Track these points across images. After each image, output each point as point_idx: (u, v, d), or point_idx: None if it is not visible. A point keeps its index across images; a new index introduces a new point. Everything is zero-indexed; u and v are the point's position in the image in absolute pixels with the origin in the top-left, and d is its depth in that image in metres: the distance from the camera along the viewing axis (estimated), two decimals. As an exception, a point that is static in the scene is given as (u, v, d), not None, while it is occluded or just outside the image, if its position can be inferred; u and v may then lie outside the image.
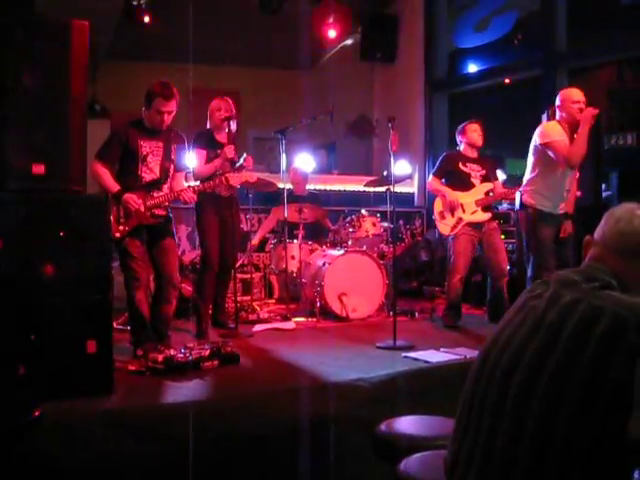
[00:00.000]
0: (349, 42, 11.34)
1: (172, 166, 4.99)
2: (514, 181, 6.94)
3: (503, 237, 6.69)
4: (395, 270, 6.38)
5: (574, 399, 1.41)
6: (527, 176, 5.57)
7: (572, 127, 5.33)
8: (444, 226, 6.36)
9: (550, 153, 5.31)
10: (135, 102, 5.20)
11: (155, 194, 4.85)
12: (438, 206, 6.45)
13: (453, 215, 6.31)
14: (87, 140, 3.84)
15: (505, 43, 9.32)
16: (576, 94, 5.37)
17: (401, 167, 8.86)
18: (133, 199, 4.72)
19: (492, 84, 9.76)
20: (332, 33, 10.23)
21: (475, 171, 6.40)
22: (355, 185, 9.13)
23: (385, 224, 7.25)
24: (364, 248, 6.89)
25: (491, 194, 6.37)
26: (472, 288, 7.14)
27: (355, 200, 8.65)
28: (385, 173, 6.83)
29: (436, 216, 6.45)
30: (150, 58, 10.78)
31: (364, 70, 11.16)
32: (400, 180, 7.13)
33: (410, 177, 9.70)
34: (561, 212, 5.50)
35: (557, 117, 5.46)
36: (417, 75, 10.19)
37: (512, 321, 1.69)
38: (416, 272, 8.29)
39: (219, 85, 10.49)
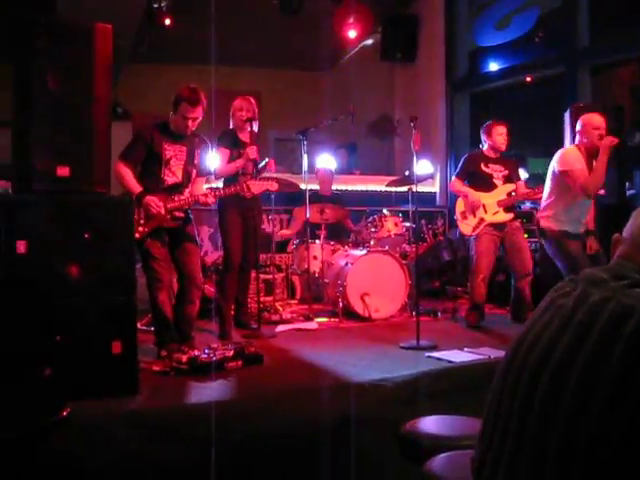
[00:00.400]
0: (369, 42, 11.32)
1: (194, 170, 5.02)
2: (536, 180, 6.91)
3: (526, 236, 6.65)
4: (417, 270, 6.37)
5: (603, 397, 1.39)
6: (544, 201, 5.56)
7: (591, 153, 5.30)
8: (466, 226, 6.34)
9: (568, 181, 5.29)
10: (156, 104, 5.25)
11: (176, 198, 4.88)
12: (460, 206, 6.43)
13: (475, 215, 6.30)
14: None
15: (526, 41, 9.26)
16: (597, 120, 5.33)
17: (423, 167, 8.84)
18: (154, 202, 4.75)
19: (513, 82, 9.71)
20: (352, 33, 10.23)
21: (497, 172, 6.38)
22: (377, 185, 9.12)
23: (407, 224, 7.24)
24: (386, 248, 6.88)
25: (513, 194, 6.34)
26: (495, 288, 7.11)
27: (377, 200, 8.63)
28: (407, 173, 6.81)
29: (458, 216, 6.43)
30: (171, 60, 10.84)
31: (384, 70, 11.15)
32: (422, 180, 7.11)
33: (432, 177, 9.68)
34: (582, 231, 5.49)
35: (577, 141, 5.43)
36: (438, 74, 10.17)
37: (539, 320, 1.67)
38: (438, 272, 8.25)
39: (240, 86, 10.50)
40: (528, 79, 9.53)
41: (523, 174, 6.48)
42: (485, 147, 6.45)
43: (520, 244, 6.29)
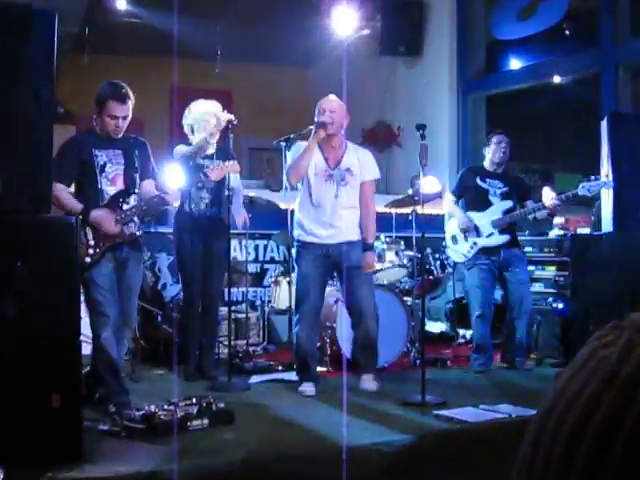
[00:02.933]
0: (366, 32, 11.40)
1: (137, 175, 5.08)
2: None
3: (553, 268, 6.72)
4: (422, 309, 6.38)
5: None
6: None
7: None
8: (455, 252, 6.60)
9: None
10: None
11: (125, 207, 4.96)
12: (450, 229, 6.65)
13: (466, 239, 6.46)
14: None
15: (555, 34, 9.37)
16: None
17: (429, 184, 8.86)
18: (101, 216, 4.79)
19: (539, 84, 9.82)
20: (346, 22, 10.29)
21: (495, 187, 6.57)
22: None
23: (410, 253, 7.26)
24: (385, 282, 6.89)
25: (518, 212, 6.45)
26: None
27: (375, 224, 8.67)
28: (410, 191, 6.85)
29: (448, 241, 6.68)
30: (125, 51, 10.88)
31: (384, 66, 11.22)
32: (428, 200, 7.14)
33: (440, 196, 9.70)
34: None
35: None
36: (448, 72, 10.27)
37: (578, 375, 1.68)
38: (448, 311, 8.27)
39: (207, 84, 10.56)
40: (556, 80, 9.62)
41: (548, 192, 6.53)
42: (486, 160, 6.71)
43: (517, 275, 6.46)
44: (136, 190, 5.11)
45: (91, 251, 4.79)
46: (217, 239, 5.84)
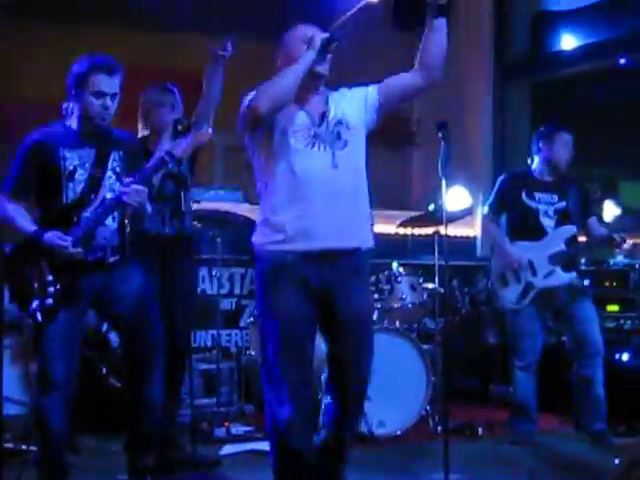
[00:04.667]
0: (376, 1, 11.42)
1: (113, 179, 4.99)
2: (635, 216, 6.91)
3: (616, 308, 6.72)
4: (446, 359, 6.38)
5: None
6: None
7: None
8: (507, 298, 6.50)
9: None
10: (38, 86, 5.23)
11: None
12: (498, 265, 6.59)
13: (520, 279, 6.42)
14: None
15: (621, 4, 9.39)
16: None
17: (456, 197, 8.86)
18: (55, 237, 4.71)
19: (598, 67, 9.84)
20: (349, -15, 10.34)
21: (547, 204, 6.50)
22: (384, 225, 9.12)
23: (431, 286, 7.26)
24: (397, 325, 6.90)
25: (586, 245, 6.41)
26: (553, 385, 7.09)
27: (384, 249, 8.62)
28: (431, 207, 6.86)
29: (495, 280, 6.60)
30: (61, 19, 10.88)
31: (398, 45, 11.22)
32: (455, 218, 7.15)
33: (470, 212, 9.71)
34: None
35: None
36: (482, 53, 10.31)
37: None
38: (479, 362, 8.27)
39: (171, 62, 10.57)
40: (622, 61, 9.64)
41: (611, 207, 6.54)
42: (535, 164, 6.61)
43: (584, 313, 6.43)
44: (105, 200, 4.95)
45: (51, 289, 4.72)
46: (182, 266, 5.81)
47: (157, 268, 5.75)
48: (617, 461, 2.78)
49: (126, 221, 5.06)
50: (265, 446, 6.06)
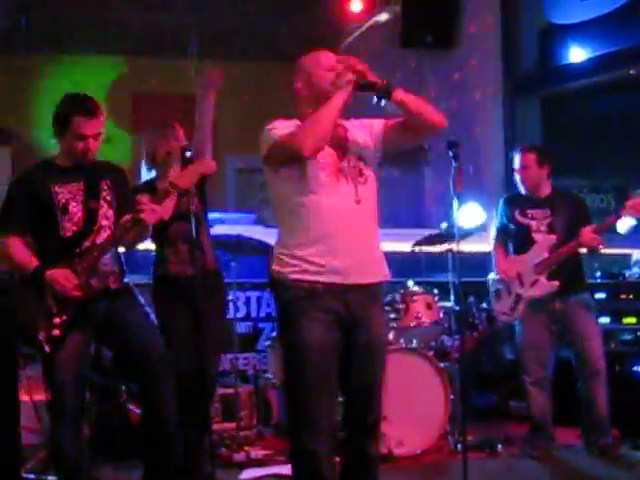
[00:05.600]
0: (383, 18, 11.43)
1: (106, 207, 5.06)
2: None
3: (633, 320, 6.73)
4: (464, 377, 6.39)
5: None
6: None
7: None
8: (500, 311, 6.67)
9: None
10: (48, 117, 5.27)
11: (85, 249, 4.93)
12: (493, 284, 6.78)
13: (510, 292, 6.54)
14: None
15: (628, 15, 9.38)
16: None
17: (470, 214, 8.85)
18: (58, 274, 4.77)
19: (609, 79, 9.81)
20: (356, 6, 10.36)
21: (538, 219, 6.58)
22: (398, 244, 9.12)
23: (447, 304, 7.27)
24: (414, 344, 6.91)
25: (562, 250, 6.42)
26: (570, 398, 7.06)
27: (399, 267, 8.61)
28: (445, 225, 6.87)
29: (492, 298, 6.78)
30: (71, 48, 10.94)
31: (406, 61, 11.25)
32: (468, 234, 7.16)
33: (484, 229, 9.70)
34: None
35: None
36: (491, 67, 10.30)
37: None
38: (498, 379, 8.26)
39: (174, 87, 10.61)
40: (631, 72, 9.63)
41: (628, 222, 6.53)
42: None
43: (581, 327, 6.46)
44: (99, 229, 5.01)
45: (57, 320, 4.77)
46: (211, 302, 5.79)
47: (182, 309, 5.75)
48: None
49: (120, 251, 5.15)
50: (285, 470, 6.10)
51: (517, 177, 6.65)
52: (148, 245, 5.84)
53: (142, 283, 5.81)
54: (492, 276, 6.79)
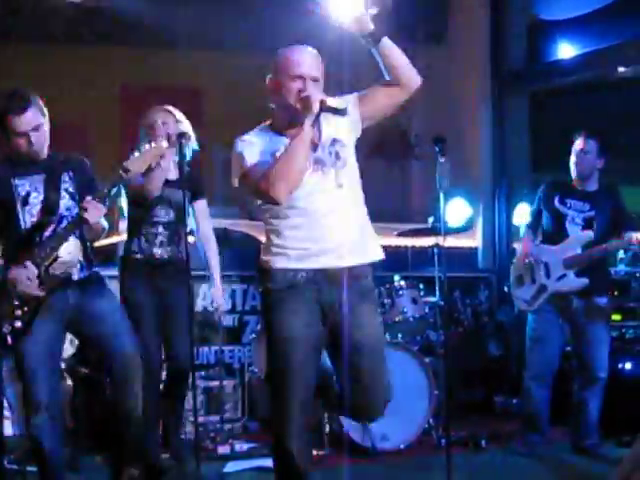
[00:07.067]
0: (373, 12, 11.42)
1: (67, 198, 5.07)
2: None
3: (618, 317, 6.74)
4: (449, 372, 6.38)
5: None
6: None
7: None
8: (520, 298, 6.51)
9: None
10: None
11: (45, 239, 4.92)
12: (517, 268, 6.57)
13: (534, 281, 6.41)
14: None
15: (618, 12, 9.39)
16: None
17: (456, 209, 8.85)
18: (21, 274, 4.76)
19: (598, 76, 9.83)
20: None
21: (577, 211, 6.43)
22: (384, 238, 9.14)
23: (432, 299, 7.28)
24: (399, 338, 6.91)
25: (600, 248, 6.32)
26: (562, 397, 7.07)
27: (384, 262, 8.63)
28: (431, 220, 6.87)
29: (512, 282, 6.58)
30: (59, 39, 10.90)
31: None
32: (455, 230, 7.16)
33: (471, 225, 9.70)
34: None
35: None
36: (479, 64, 10.31)
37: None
38: (483, 374, 8.27)
39: (167, 79, 10.58)
40: (620, 69, 9.64)
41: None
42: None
43: (591, 332, 6.37)
44: (59, 221, 5.01)
45: (18, 312, 4.76)
46: (177, 287, 5.80)
47: (149, 290, 5.76)
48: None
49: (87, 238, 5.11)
50: (269, 463, 6.08)
51: (572, 160, 6.43)
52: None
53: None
54: (516, 260, 6.65)
